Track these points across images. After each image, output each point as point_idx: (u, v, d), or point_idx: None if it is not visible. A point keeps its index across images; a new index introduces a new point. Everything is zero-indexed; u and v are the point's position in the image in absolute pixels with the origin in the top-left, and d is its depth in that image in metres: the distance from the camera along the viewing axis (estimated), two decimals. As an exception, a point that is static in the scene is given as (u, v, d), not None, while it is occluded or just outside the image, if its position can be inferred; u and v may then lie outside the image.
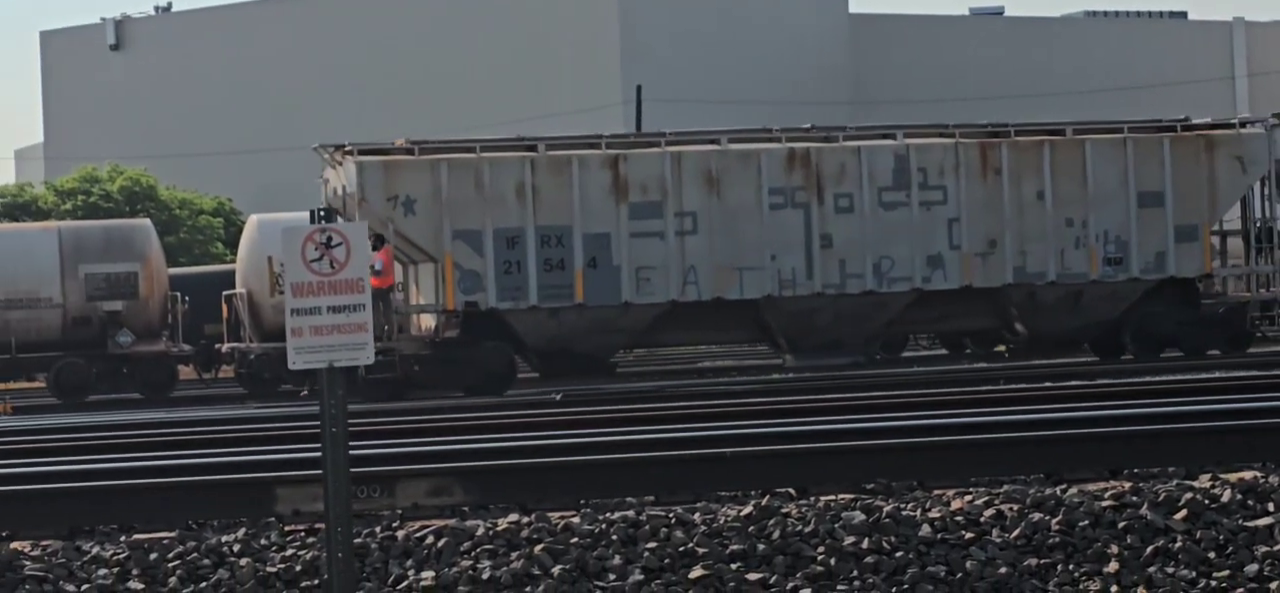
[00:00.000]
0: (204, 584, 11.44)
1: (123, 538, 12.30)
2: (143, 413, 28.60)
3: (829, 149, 32.10)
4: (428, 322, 31.61)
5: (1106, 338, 33.71)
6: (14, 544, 11.81)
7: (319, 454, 11.61)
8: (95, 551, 11.82)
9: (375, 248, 30.60)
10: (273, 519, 12.96)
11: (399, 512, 13.09)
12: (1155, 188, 32.90)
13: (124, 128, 64.27)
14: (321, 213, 10.37)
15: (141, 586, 11.37)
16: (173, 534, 12.31)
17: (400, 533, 12.37)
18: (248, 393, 34.71)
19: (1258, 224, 33.92)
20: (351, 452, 11.43)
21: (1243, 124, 33.72)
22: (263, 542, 12.24)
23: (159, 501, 12.97)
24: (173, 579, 11.48)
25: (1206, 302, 33.19)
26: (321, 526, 12.06)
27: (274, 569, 11.80)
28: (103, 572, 11.52)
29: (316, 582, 11.59)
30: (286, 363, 10.87)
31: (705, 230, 31.41)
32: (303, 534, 12.42)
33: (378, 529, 12.42)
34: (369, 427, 17.30)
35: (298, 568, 11.80)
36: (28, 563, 11.35)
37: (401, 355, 30.80)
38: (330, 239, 10.11)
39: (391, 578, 11.80)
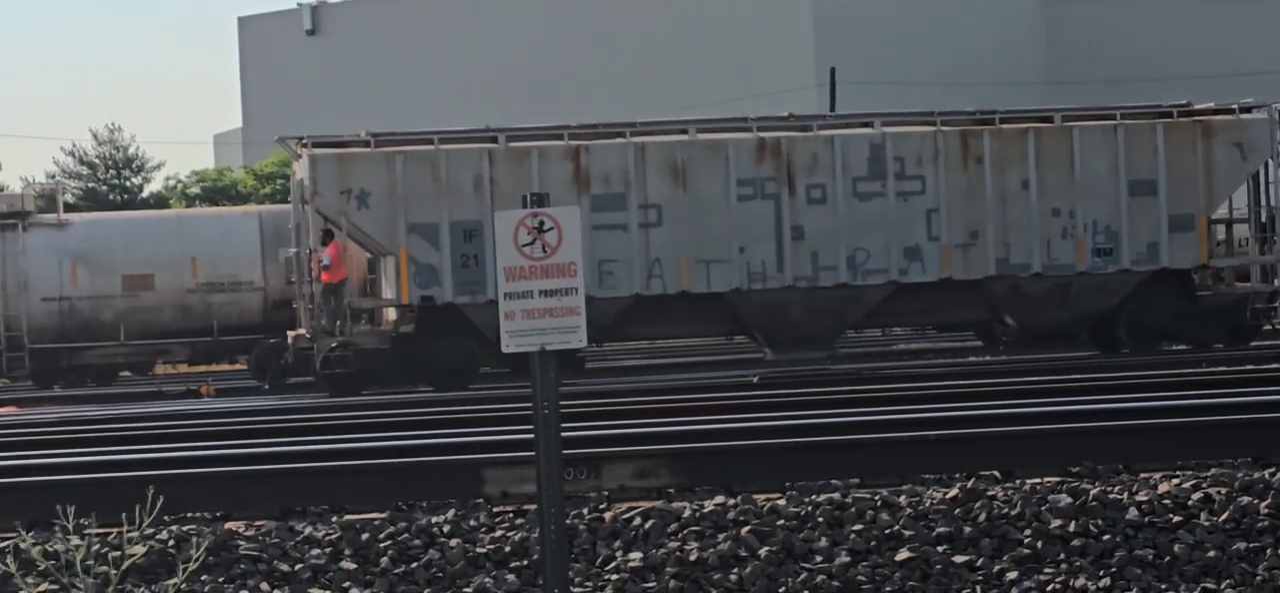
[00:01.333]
0: (414, 565, 11.39)
1: (334, 518, 12.33)
2: (348, 395, 28.56)
3: (801, 138, 31.17)
4: (392, 315, 31.13)
5: (1104, 330, 32.56)
6: (229, 524, 11.83)
7: (526, 437, 12.14)
8: (307, 531, 11.80)
9: (324, 243, 30.24)
10: (481, 501, 12.98)
11: (605, 494, 13.14)
12: (1148, 176, 31.66)
13: (320, 113, 62.22)
14: (532, 198, 10.14)
15: (353, 565, 11.32)
16: (383, 515, 12.30)
17: (607, 515, 12.34)
18: None
19: (1261, 213, 32.58)
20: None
21: (1244, 109, 32.29)
22: (472, 523, 12.18)
23: (369, 481, 13.08)
24: (384, 559, 11.43)
25: (1203, 294, 31.86)
26: (529, 507, 12.27)
27: (483, 550, 11.76)
28: (315, 552, 11.50)
29: (525, 563, 11.54)
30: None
31: (670, 222, 30.65)
32: (511, 516, 12.36)
33: (585, 511, 12.42)
34: (574, 410, 17.13)
35: (506, 549, 11.79)
36: (242, 543, 11.36)
37: (358, 350, 30.37)
38: (542, 223, 10.26)
39: (599, 559, 11.76)
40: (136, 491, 10.46)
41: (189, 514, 11.91)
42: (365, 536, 11.81)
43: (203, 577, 10.28)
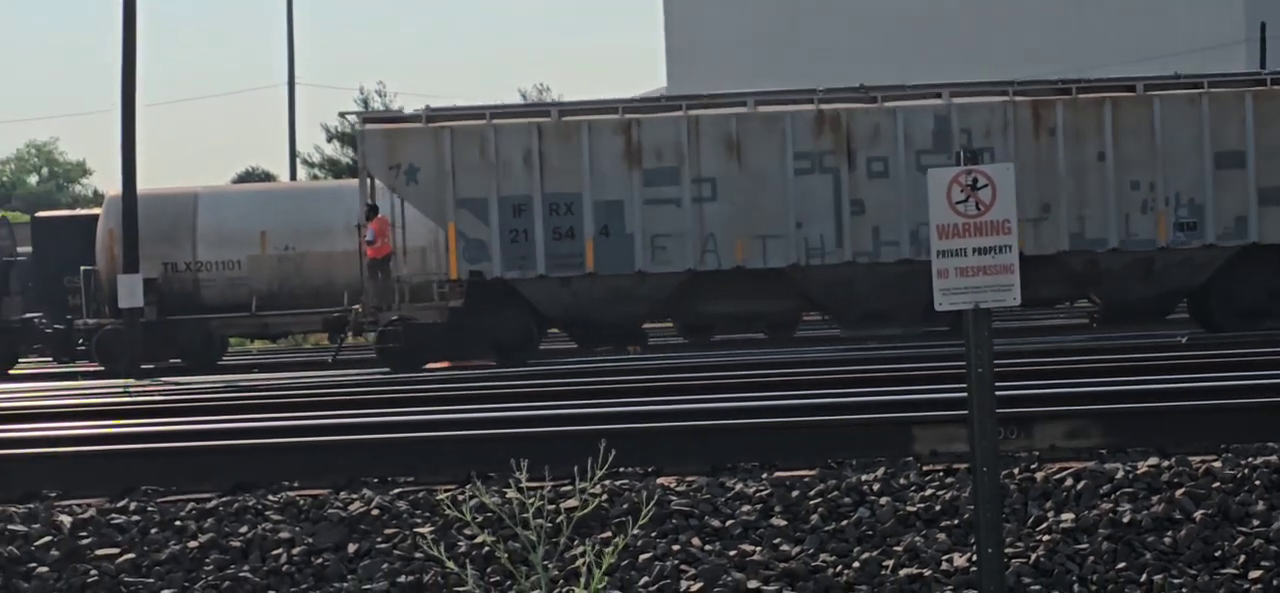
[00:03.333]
0: (845, 523, 11.35)
1: (764, 475, 12.40)
2: (783, 351, 28.52)
3: (861, 111, 30.22)
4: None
5: (1199, 307, 31.04)
6: (661, 479, 11.99)
7: (955, 395, 12.21)
8: (738, 487, 11.87)
9: (368, 218, 30.19)
10: (910, 459, 12.93)
11: (1036, 453, 12.97)
12: (1235, 147, 30.08)
13: (746, 74, 60.38)
14: (965, 154, 10.40)
15: (784, 522, 11.34)
16: (813, 472, 12.36)
17: (1038, 475, 12.14)
18: None
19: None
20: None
21: (1327, 77, 30.50)
22: (902, 481, 12.09)
23: (799, 438, 13.09)
24: (814, 517, 11.43)
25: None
26: (960, 466, 12.25)
27: (913, 509, 11.63)
28: (746, 508, 11.54)
29: (955, 522, 11.42)
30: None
31: (725, 197, 29.97)
32: (941, 474, 12.28)
33: (1016, 471, 12.24)
34: (1003, 369, 16.89)
35: (937, 508, 11.62)
36: (675, 498, 11.49)
37: (415, 324, 30.24)
38: (975, 181, 10.12)
39: (1030, 519, 11.54)
40: (588, 444, 10.62)
41: (621, 469, 11.96)
42: (795, 492, 11.73)
43: (634, 531, 10.28)
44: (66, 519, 11.05)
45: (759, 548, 10.92)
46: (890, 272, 30.07)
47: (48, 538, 10.84)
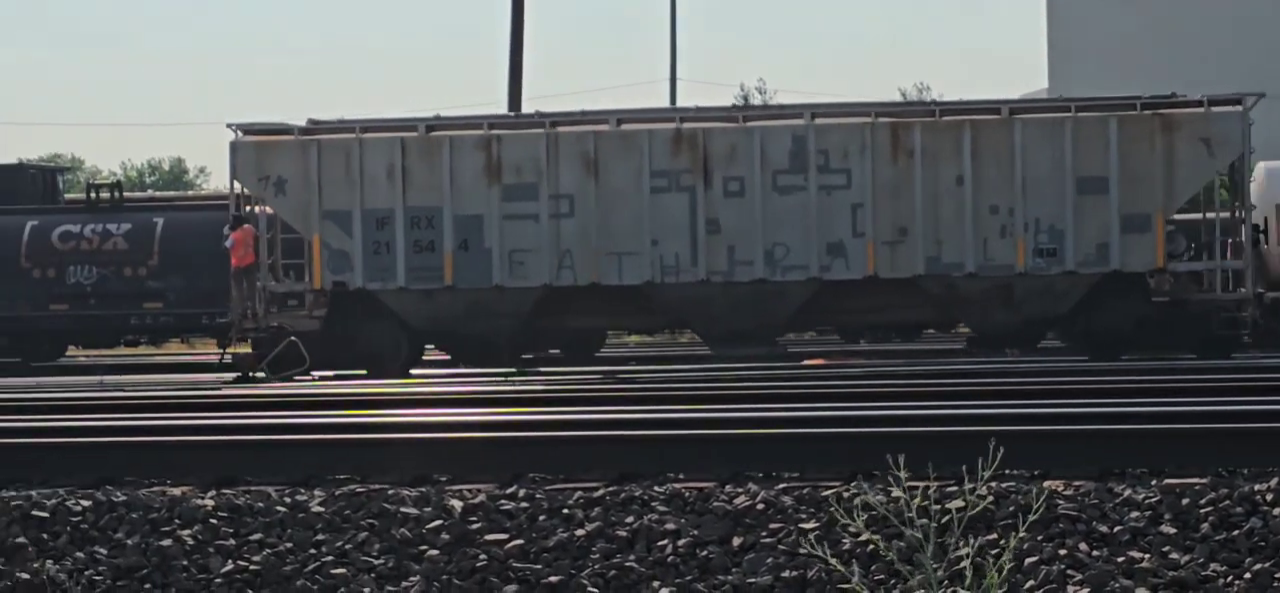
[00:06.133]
0: (1236, 532, 11.05)
1: (1153, 482, 11.88)
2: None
3: (718, 130, 30.43)
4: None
5: (1069, 333, 30.78)
6: (1047, 483, 11.73)
7: None
8: (1126, 492, 11.53)
9: (233, 228, 31.08)
10: None
11: None
12: (1098, 173, 29.76)
13: (1130, 74, 57.55)
14: None
15: (1173, 530, 11.05)
16: (1203, 480, 11.82)
17: None
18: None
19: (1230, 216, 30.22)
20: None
21: (1212, 102, 29.96)
22: None
23: (1189, 446, 12.51)
24: (1204, 525, 11.13)
25: (1158, 300, 29.76)
26: None
27: None
28: (1134, 515, 11.27)
29: None
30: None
31: (582, 213, 30.37)
32: None
33: None
34: None
35: None
36: (1061, 502, 11.29)
37: (293, 332, 31.05)
38: None
39: None
40: (977, 444, 10.46)
41: (1007, 471, 11.55)
42: (1185, 500, 11.33)
43: (1021, 535, 10.11)
44: (457, 504, 11.15)
45: (1148, 556, 10.66)
46: (746, 291, 30.24)
47: (438, 522, 10.97)
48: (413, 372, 30.11)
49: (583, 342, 34.56)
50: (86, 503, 11.30)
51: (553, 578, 10.40)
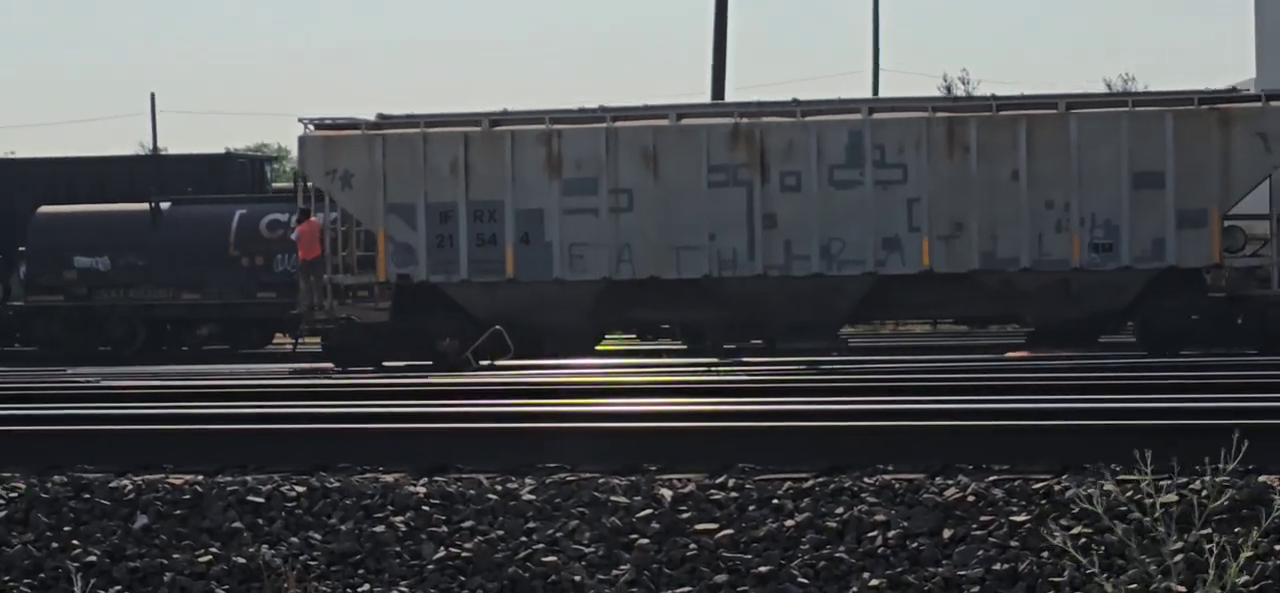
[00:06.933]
0: None
1: None
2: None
3: (775, 125, 30.75)
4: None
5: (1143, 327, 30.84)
6: (1262, 478, 11.24)
7: None
8: None
9: (299, 221, 31.75)
10: None
11: None
12: (1154, 168, 29.82)
13: None
14: None
15: None
16: None
17: None
18: None
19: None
20: None
21: (1270, 97, 29.93)
22: None
23: None
24: None
25: (1215, 296, 29.79)
26: None
27: None
28: None
29: None
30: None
31: (641, 208, 30.81)
32: None
33: None
34: None
35: None
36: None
37: (360, 324, 31.68)
38: None
39: None
40: (1219, 437, 10.36)
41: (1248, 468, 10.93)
42: None
43: (1236, 530, 9.88)
44: (666, 494, 11.13)
45: None
46: (802, 285, 30.55)
47: (648, 511, 10.96)
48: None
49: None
50: (300, 489, 11.33)
51: (762, 568, 10.32)
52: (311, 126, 31.90)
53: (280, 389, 17.56)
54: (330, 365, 31.10)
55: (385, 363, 31.43)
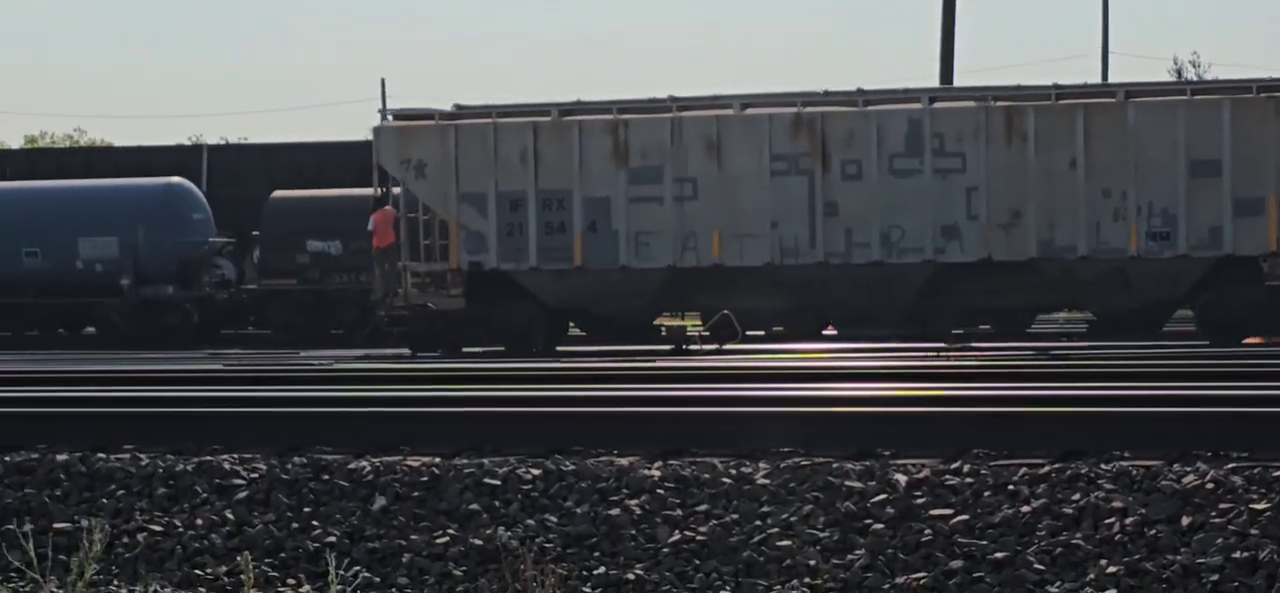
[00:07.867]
0: None
1: None
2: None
3: (836, 114, 31.30)
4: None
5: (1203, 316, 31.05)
6: None
7: None
8: None
9: (373, 209, 32.71)
10: None
11: None
12: (1211, 156, 30.07)
13: None
14: None
15: None
16: None
17: None
18: None
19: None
20: None
21: (1330, 84, 30.10)
22: None
23: None
24: None
25: (1272, 284, 29.97)
26: None
27: None
28: None
29: None
30: None
31: (705, 196, 31.47)
32: None
33: None
34: None
35: None
36: None
37: (434, 310, 32.57)
38: None
39: None
40: None
41: None
42: None
43: None
44: (901, 478, 11.05)
45: None
46: (863, 273, 31.07)
47: (883, 496, 10.88)
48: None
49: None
50: (536, 472, 11.35)
51: (998, 554, 10.22)
52: (390, 117, 32.86)
53: (515, 373, 17.76)
54: (407, 351, 32.04)
55: (463, 348, 32.35)
